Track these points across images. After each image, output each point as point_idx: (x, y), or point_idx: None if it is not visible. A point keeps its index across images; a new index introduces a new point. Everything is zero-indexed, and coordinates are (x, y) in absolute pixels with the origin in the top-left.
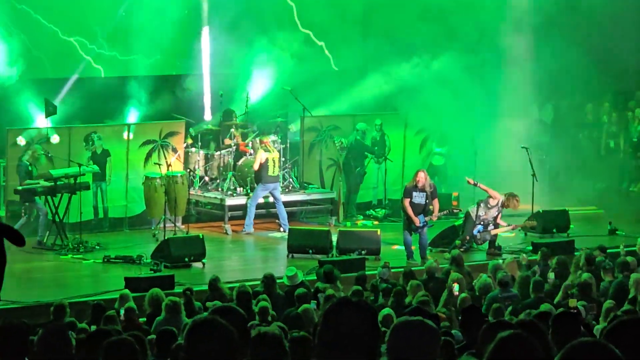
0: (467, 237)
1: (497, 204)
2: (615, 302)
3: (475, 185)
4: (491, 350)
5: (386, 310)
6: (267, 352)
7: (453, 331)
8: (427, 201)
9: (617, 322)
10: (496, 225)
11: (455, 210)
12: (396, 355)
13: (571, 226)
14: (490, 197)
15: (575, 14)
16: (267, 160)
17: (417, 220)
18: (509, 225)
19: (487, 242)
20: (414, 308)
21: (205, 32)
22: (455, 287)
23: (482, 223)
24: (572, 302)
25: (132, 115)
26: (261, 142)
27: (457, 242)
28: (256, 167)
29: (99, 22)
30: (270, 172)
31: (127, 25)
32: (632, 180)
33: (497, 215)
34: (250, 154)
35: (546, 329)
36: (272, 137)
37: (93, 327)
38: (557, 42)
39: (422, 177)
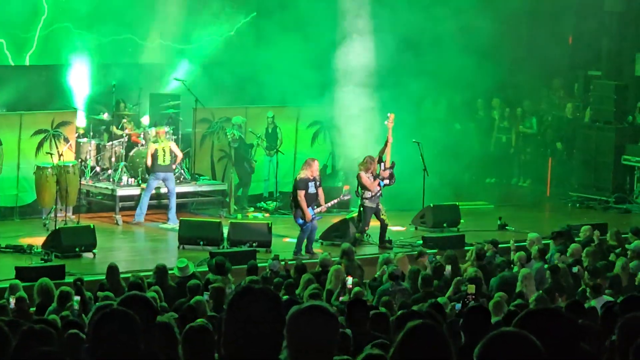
0: (366, 228)
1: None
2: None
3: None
4: (400, 339)
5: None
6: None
7: None
8: (317, 191)
9: (525, 313)
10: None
11: (345, 197)
12: (296, 345)
13: (461, 221)
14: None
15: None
16: (156, 150)
17: (309, 215)
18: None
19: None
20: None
21: None
22: (349, 280)
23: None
24: (471, 289)
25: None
26: (157, 133)
27: (357, 235)
28: (149, 162)
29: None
30: (160, 162)
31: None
32: (521, 176)
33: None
34: (142, 145)
35: (442, 320)
36: (165, 128)
37: None
38: (447, 37)
39: (317, 167)
